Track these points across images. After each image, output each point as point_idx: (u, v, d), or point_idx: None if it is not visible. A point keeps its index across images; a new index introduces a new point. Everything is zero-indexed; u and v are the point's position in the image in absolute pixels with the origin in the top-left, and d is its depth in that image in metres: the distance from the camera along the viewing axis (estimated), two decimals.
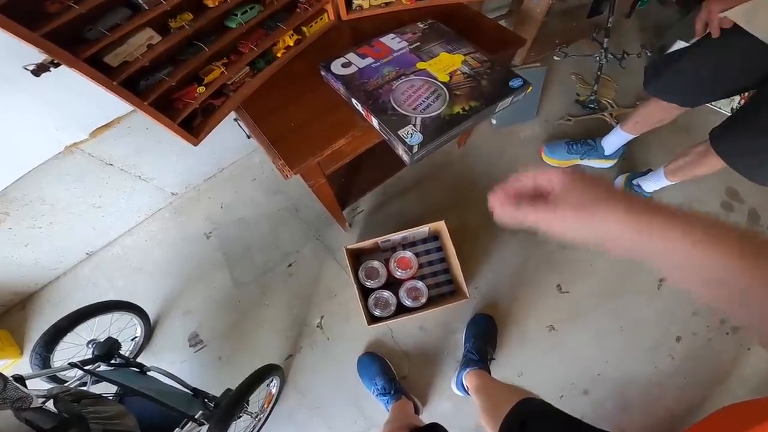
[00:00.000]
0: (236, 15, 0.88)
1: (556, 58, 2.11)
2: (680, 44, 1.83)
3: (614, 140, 1.69)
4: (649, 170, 1.66)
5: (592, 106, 1.98)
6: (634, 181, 1.66)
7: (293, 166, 0.93)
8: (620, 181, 1.74)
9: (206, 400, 1.17)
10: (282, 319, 1.61)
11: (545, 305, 1.60)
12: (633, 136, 1.63)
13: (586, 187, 0.43)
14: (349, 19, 1.20)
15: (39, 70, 0.59)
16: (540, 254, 1.67)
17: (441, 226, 1.53)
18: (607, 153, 1.75)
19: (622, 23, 1.97)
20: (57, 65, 0.60)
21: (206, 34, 0.85)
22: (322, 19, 1.14)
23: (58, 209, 1.41)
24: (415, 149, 0.84)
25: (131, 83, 0.74)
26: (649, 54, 2.11)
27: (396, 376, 1.47)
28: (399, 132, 0.87)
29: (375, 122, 0.92)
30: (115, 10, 0.68)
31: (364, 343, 1.56)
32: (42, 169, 1.23)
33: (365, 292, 1.50)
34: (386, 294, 1.48)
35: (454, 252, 1.48)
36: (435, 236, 1.66)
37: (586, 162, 1.81)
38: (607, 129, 1.87)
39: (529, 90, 0.97)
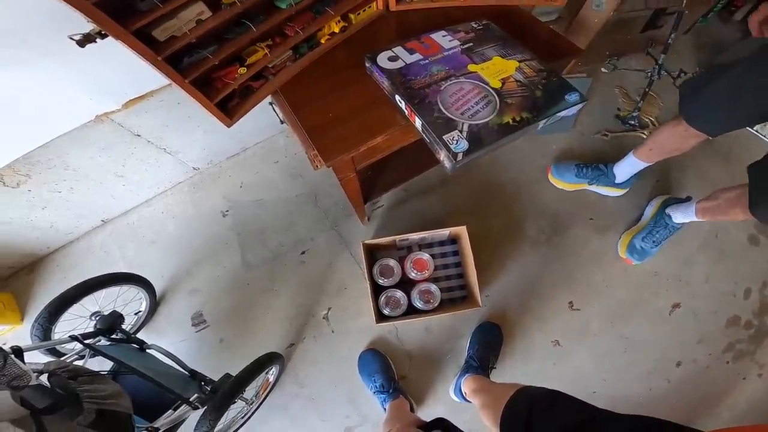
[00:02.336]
0: None
1: (603, 70, 2.03)
2: None
3: (626, 168, 1.60)
4: (689, 198, 1.58)
5: (632, 122, 1.90)
6: (667, 210, 1.58)
7: (327, 159, 0.90)
8: (656, 203, 1.66)
9: (203, 383, 1.15)
10: (288, 306, 1.59)
11: (554, 320, 1.58)
12: (646, 165, 1.54)
13: None
14: (397, 10, 1.15)
15: (85, 40, 0.56)
16: (558, 271, 1.64)
17: (462, 231, 1.49)
18: (618, 180, 1.66)
19: (678, 39, 1.88)
20: (104, 36, 0.57)
21: (255, 13, 0.81)
22: (370, 7, 1.10)
23: (81, 175, 1.39)
24: (460, 157, 0.80)
25: (175, 59, 0.71)
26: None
27: (395, 375, 1.46)
28: (444, 137, 0.82)
29: (418, 123, 0.88)
30: None
31: (368, 339, 1.54)
32: (70, 136, 1.21)
33: (376, 290, 1.47)
34: (399, 294, 1.45)
35: (473, 259, 1.44)
36: (453, 240, 1.63)
37: (594, 188, 1.72)
38: None
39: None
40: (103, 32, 0.56)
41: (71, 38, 0.56)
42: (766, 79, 0.99)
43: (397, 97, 0.92)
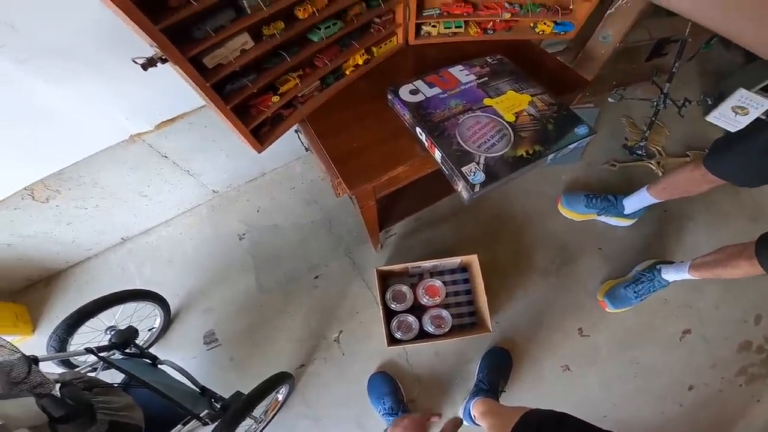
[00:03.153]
0: (320, 29, 0.91)
1: (610, 99, 2.03)
2: (741, 92, 1.75)
3: (637, 201, 1.64)
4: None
5: (639, 152, 1.94)
6: (659, 266, 1.57)
7: (352, 188, 0.94)
8: (647, 263, 1.66)
9: (213, 400, 1.16)
10: (300, 328, 1.61)
11: (564, 346, 1.60)
12: (657, 201, 1.58)
13: None
14: (415, 44, 1.22)
15: (148, 64, 0.61)
16: (568, 298, 1.66)
17: (473, 259, 1.53)
18: (626, 212, 1.70)
19: (683, 67, 1.89)
20: (164, 61, 0.62)
21: (291, 44, 0.88)
22: (391, 41, 1.17)
23: (108, 194, 1.45)
24: (477, 188, 0.85)
25: (218, 86, 0.77)
26: (709, 102, 1.99)
27: (404, 398, 1.47)
28: (462, 169, 0.87)
29: (438, 155, 0.92)
30: (223, 10, 0.70)
31: (378, 362, 1.56)
32: (104, 154, 1.27)
33: (388, 314, 1.50)
34: (411, 318, 1.47)
35: (483, 286, 1.47)
36: (464, 268, 1.66)
37: (603, 218, 1.76)
38: (649, 179, 1.83)
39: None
40: (164, 57, 0.62)
41: (134, 61, 0.61)
42: None
43: (418, 130, 0.97)
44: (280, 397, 1.44)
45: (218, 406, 1.15)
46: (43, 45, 0.90)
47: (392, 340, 1.45)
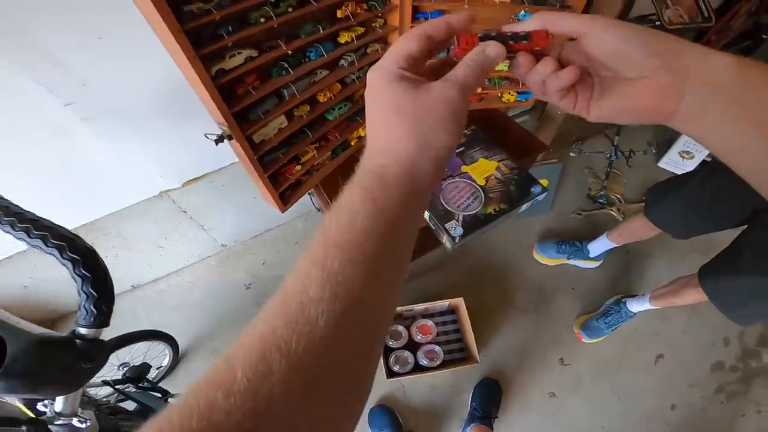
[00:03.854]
0: (334, 109, 1.12)
1: (572, 154, 2.26)
2: (685, 137, 1.94)
3: (599, 246, 1.87)
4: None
5: (601, 200, 2.16)
6: (624, 299, 1.77)
7: None
8: (615, 298, 1.87)
9: None
10: None
11: (548, 375, 1.75)
12: (616, 245, 1.81)
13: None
14: None
15: (219, 140, 0.79)
16: (547, 334, 1.84)
17: (460, 302, 1.73)
18: (592, 255, 1.92)
19: None
20: (230, 138, 0.81)
21: (312, 123, 1.08)
22: None
23: (129, 244, 1.58)
24: (457, 240, 1.06)
25: (259, 158, 0.95)
26: (654, 151, 2.22)
27: (404, 428, 1.59)
28: (446, 225, 1.09)
29: (426, 214, 1.14)
30: (270, 97, 0.90)
31: (377, 395, 1.68)
32: (134, 208, 1.41)
33: (386, 351, 1.66)
34: (406, 353, 1.64)
35: (470, 325, 1.67)
36: (452, 310, 1.83)
37: (572, 262, 1.99)
38: (612, 224, 2.00)
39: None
40: (230, 134, 0.80)
41: (207, 137, 0.78)
42: (719, 196, 1.20)
43: None
44: None
45: None
46: (106, 105, 1.06)
47: (390, 373, 1.59)
